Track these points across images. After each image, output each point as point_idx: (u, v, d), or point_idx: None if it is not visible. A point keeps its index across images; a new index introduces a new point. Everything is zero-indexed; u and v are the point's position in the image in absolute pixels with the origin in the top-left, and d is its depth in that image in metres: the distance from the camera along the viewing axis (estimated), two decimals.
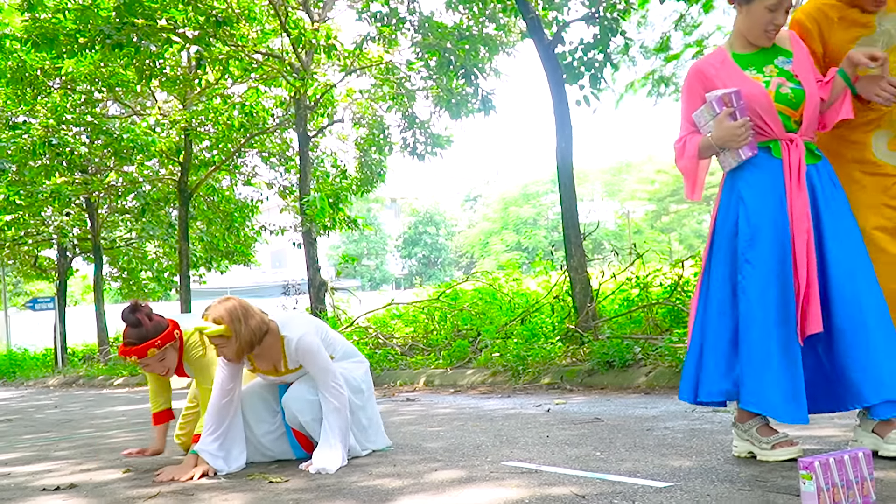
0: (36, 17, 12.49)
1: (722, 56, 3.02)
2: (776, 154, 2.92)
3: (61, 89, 16.71)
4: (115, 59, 14.70)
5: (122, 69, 15.81)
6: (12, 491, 3.47)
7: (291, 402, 3.67)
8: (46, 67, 15.63)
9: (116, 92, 17.23)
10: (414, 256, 58.86)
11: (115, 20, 11.67)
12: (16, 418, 8.41)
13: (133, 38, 11.57)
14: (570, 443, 3.82)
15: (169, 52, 13.70)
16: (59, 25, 12.28)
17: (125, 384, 15.16)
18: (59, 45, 12.34)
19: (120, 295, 25.63)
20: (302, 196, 13.76)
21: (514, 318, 9.66)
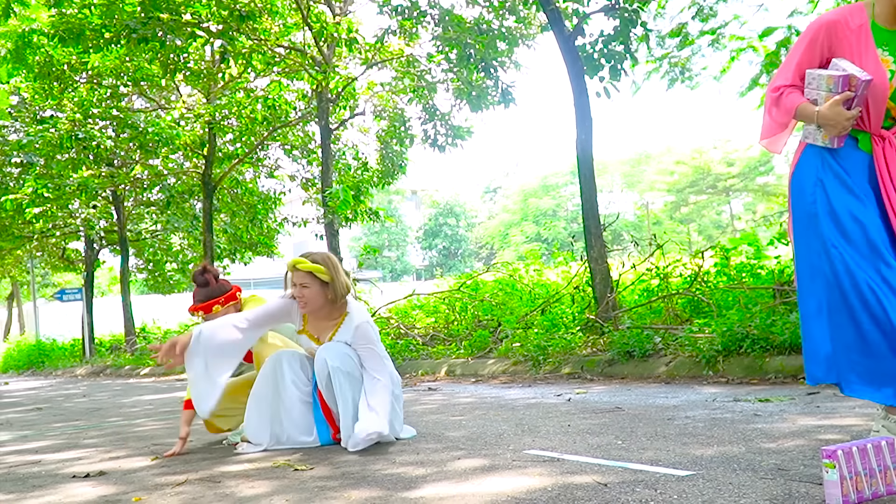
0: (63, 13, 12.57)
1: (861, 19, 2.73)
2: (863, 147, 2.73)
3: (88, 84, 16.84)
4: (141, 54, 14.78)
5: (148, 63, 15.90)
6: (43, 478, 3.51)
7: (325, 350, 3.75)
8: (73, 62, 15.77)
9: (142, 86, 17.35)
10: (434, 248, 58.88)
11: (140, 15, 11.73)
12: (45, 407, 8.51)
13: (158, 32, 11.62)
14: (591, 432, 3.82)
15: (193, 46, 13.76)
16: (86, 20, 12.36)
17: (151, 374, 15.30)
18: (86, 39, 12.42)
19: (146, 286, 25.83)
20: (324, 188, 13.78)
21: (535, 308, 9.65)
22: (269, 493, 2.81)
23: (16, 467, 3.88)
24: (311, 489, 2.83)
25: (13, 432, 5.78)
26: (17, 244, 23.22)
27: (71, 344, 25.15)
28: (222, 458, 3.74)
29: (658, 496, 2.38)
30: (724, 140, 49.06)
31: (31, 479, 3.47)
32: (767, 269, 8.16)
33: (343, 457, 3.52)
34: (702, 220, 52.94)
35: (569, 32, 8.73)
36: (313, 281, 3.73)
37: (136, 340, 19.85)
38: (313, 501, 2.62)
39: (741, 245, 9.33)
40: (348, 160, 18.17)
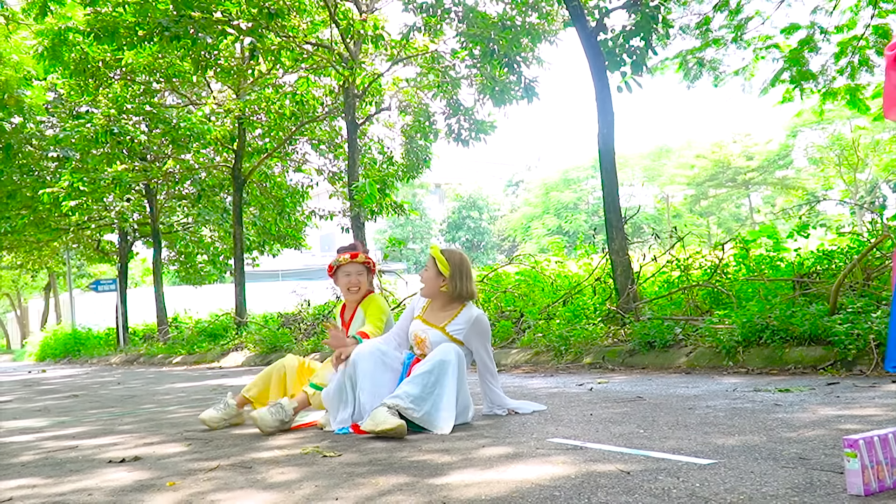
0: (97, 11, 12.67)
1: None
2: None
3: (122, 80, 16.97)
4: (173, 51, 14.86)
5: (179, 60, 16.00)
6: (80, 463, 3.55)
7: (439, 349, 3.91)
8: (107, 59, 15.89)
9: (173, 82, 17.46)
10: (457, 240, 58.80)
11: (172, 13, 11.80)
12: (81, 394, 8.60)
13: (190, 30, 11.69)
14: (613, 421, 3.80)
15: (224, 43, 13.83)
16: (120, 19, 12.45)
17: (183, 362, 15.44)
18: (120, 37, 12.51)
19: (177, 277, 26.04)
20: (350, 182, 13.81)
21: (557, 299, 9.62)
22: (299, 479, 2.83)
23: (54, 452, 3.93)
24: (339, 475, 2.84)
25: (51, 418, 5.85)
26: (53, 236, 23.51)
27: (105, 333, 25.44)
28: (252, 444, 3.76)
29: (680, 484, 2.36)
30: (744, 134, 48.51)
31: (68, 464, 3.51)
32: (787, 262, 8.08)
33: (370, 444, 3.53)
34: (721, 214, 52.46)
35: (591, 28, 8.67)
36: (433, 266, 4.12)
37: (168, 330, 20.04)
38: (342, 487, 2.63)
39: (760, 238, 9.25)
40: (374, 154, 18.20)
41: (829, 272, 7.15)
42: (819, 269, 7.34)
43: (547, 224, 53.74)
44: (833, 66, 11.16)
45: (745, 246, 8.47)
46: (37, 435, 4.78)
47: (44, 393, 9.24)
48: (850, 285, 6.56)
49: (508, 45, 10.79)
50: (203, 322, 18.62)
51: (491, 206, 61.61)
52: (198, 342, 16.75)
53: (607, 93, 8.61)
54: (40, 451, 3.98)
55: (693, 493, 2.25)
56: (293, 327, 14.10)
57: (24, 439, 4.58)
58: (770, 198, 50.41)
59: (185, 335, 18.00)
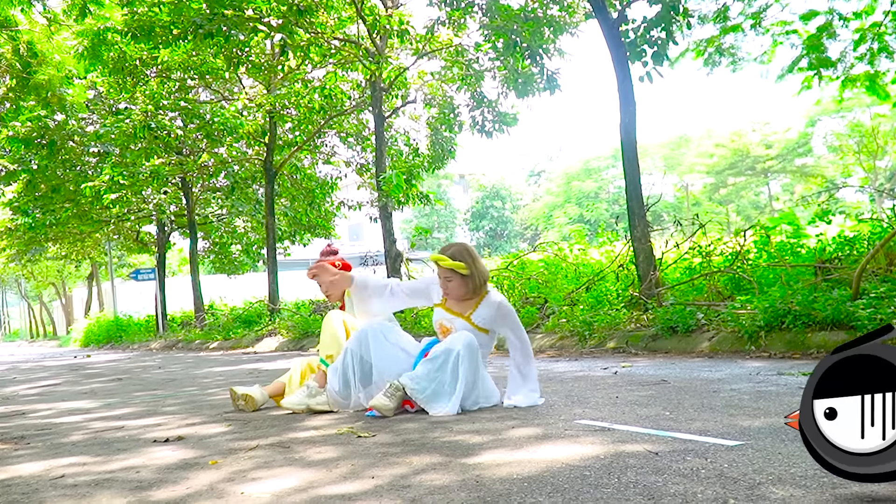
0: (134, 11, 12.76)
1: None
2: None
3: (158, 77, 17.10)
4: (206, 49, 14.95)
5: (213, 57, 16.09)
6: (127, 442, 3.59)
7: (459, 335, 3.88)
8: (144, 57, 16.01)
9: (207, 79, 17.57)
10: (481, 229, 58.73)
11: (206, 11, 11.85)
12: (125, 378, 8.71)
13: (222, 27, 11.74)
14: (639, 403, 3.78)
15: (255, 40, 13.88)
16: (156, 18, 12.53)
17: (219, 348, 15.58)
18: (156, 36, 12.60)
19: (213, 267, 26.26)
20: (378, 173, 13.83)
21: (580, 286, 9.58)
22: (335, 458, 2.84)
23: (102, 432, 3.98)
24: (374, 455, 2.85)
25: (98, 400, 5.92)
26: (95, 228, 23.81)
27: (146, 320, 25.73)
28: (289, 425, 3.79)
29: (709, 465, 2.34)
30: (763, 123, 47.92)
31: (115, 444, 3.55)
32: (808, 248, 7.98)
33: (403, 425, 3.53)
34: (740, 201, 51.90)
35: (612, 19, 8.59)
36: (454, 275, 3.95)
37: (204, 317, 20.23)
38: (378, 466, 2.64)
39: (781, 224, 9.14)
40: (400, 146, 18.21)
41: (851, 258, 7.05)
42: (840, 256, 7.24)
43: (568, 213, 53.51)
44: (852, 52, 10.96)
45: (766, 232, 8.37)
46: (85, 416, 4.85)
47: (90, 377, 9.37)
48: (873, 271, 6.47)
49: (531, 37, 10.72)
50: (238, 309, 18.78)
51: (514, 195, 61.44)
52: (233, 328, 16.90)
53: (629, 83, 8.53)
54: (89, 431, 4.04)
55: (721, 473, 2.23)
56: (324, 313, 14.16)
57: (74, 420, 4.64)
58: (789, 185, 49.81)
59: (220, 322, 18.16)
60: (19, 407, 5.79)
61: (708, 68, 11.39)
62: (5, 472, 2.98)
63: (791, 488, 2.02)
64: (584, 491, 2.12)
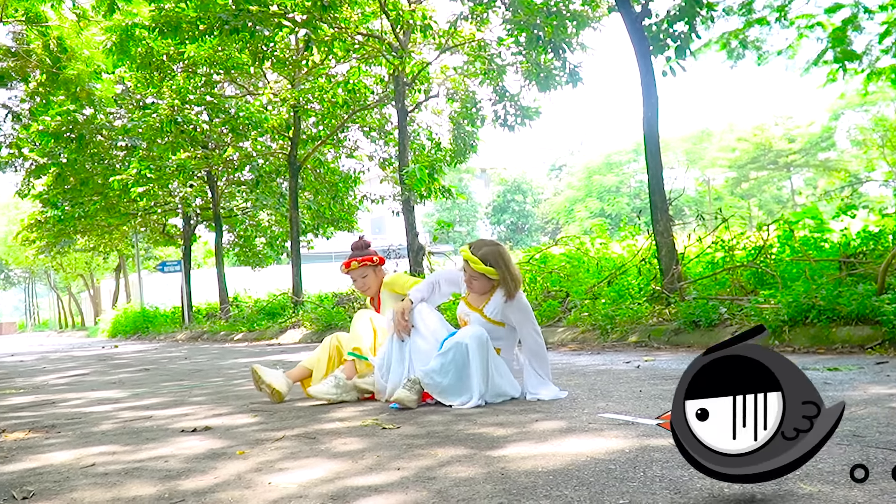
0: (161, 7, 12.83)
1: None
2: None
3: (184, 72, 17.20)
4: (232, 44, 15.02)
5: (238, 53, 16.16)
6: (155, 432, 3.62)
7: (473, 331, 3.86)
8: (171, 53, 16.11)
9: (232, 74, 17.65)
10: (502, 223, 58.64)
11: (231, 7, 11.90)
12: (152, 368, 8.79)
13: (248, 23, 11.78)
14: (662, 397, 3.75)
15: (280, 35, 13.91)
16: (182, 14, 12.60)
17: (244, 339, 15.68)
18: (182, 32, 12.67)
19: (237, 259, 26.43)
20: (401, 167, 13.83)
21: (602, 280, 9.53)
22: (361, 449, 2.84)
23: (130, 422, 4.02)
24: (399, 446, 2.85)
25: (126, 390, 5.98)
26: (123, 220, 24.06)
27: (172, 311, 25.95)
28: (315, 416, 3.80)
29: None
30: (786, 117, 47.42)
31: (144, 433, 3.58)
32: (832, 243, 7.88)
33: (427, 417, 3.53)
34: (762, 196, 51.41)
35: (636, 13, 8.52)
36: (482, 278, 3.90)
37: (229, 309, 20.36)
38: (403, 458, 2.64)
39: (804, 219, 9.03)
40: (423, 140, 18.21)
41: (876, 253, 6.95)
42: (865, 250, 7.14)
43: (589, 207, 53.28)
44: (877, 45, 10.80)
45: (789, 227, 8.27)
46: (114, 405, 4.89)
47: (117, 367, 9.46)
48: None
49: (554, 31, 10.65)
50: (262, 301, 18.89)
51: (535, 189, 61.27)
52: (257, 320, 16.99)
53: (652, 77, 8.46)
54: (118, 421, 4.08)
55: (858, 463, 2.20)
56: (347, 306, 14.22)
57: (103, 409, 4.69)
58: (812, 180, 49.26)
59: (245, 314, 18.28)
60: (50, 396, 5.86)
61: (732, 61, 11.27)
62: (37, 461, 3.01)
63: (819, 484, 2.00)
64: (610, 485, 2.11)
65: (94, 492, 2.39)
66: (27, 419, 4.41)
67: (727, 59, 11.27)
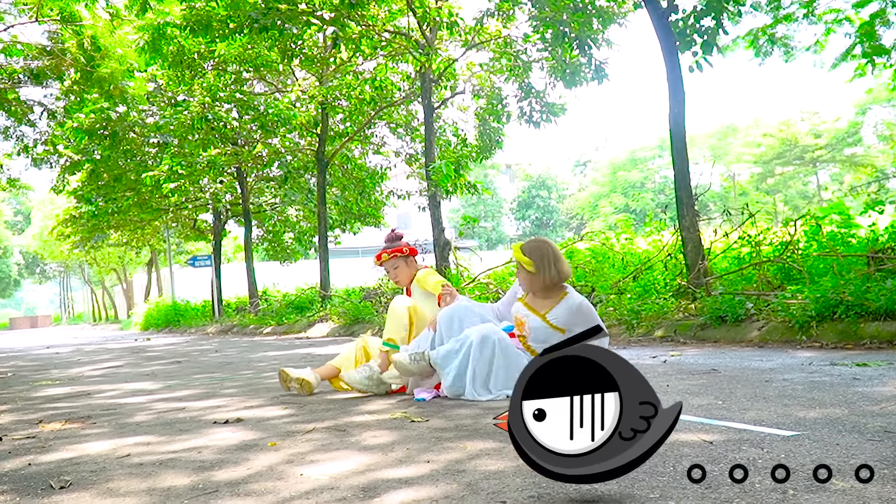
0: (192, 6, 12.92)
1: None
2: None
3: (214, 70, 17.31)
4: (261, 42, 15.07)
5: (267, 50, 16.23)
6: (189, 423, 3.65)
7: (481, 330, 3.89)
8: (202, 51, 16.23)
9: (261, 71, 17.73)
10: (527, 218, 58.47)
11: (261, 5, 11.95)
12: (184, 360, 8.86)
13: (277, 21, 11.82)
14: (690, 392, 3.71)
15: (308, 33, 13.95)
16: (213, 12, 12.66)
17: (273, 332, 15.78)
18: (213, 30, 12.73)
19: (266, 254, 26.58)
20: (427, 163, 13.82)
21: (627, 275, 9.47)
22: (391, 442, 2.84)
23: (164, 413, 4.05)
24: (428, 439, 2.85)
25: (159, 382, 6.04)
26: (155, 216, 24.29)
27: (202, 305, 26.16)
28: (345, 409, 3.81)
29: (765, 454, 2.29)
30: (812, 112, 46.73)
31: (177, 424, 3.61)
32: (859, 238, 7.76)
33: (455, 411, 3.53)
34: (788, 191, 50.74)
35: (662, 9, 8.43)
36: (521, 268, 3.87)
37: (258, 303, 20.49)
38: (432, 451, 2.63)
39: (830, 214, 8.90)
40: (449, 137, 18.17)
41: None
42: (894, 245, 7.02)
43: (614, 202, 52.93)
44: None
45: (816, 222, 8.16)
46: (148, 397, 4.94)
47: (150, 359, 9.56)
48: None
49: (580, 27, 10.58)
50: (290, 296, 18.99)
51: (559, 185, 61.01)
52: (286, 314, 17.09)
53: (678, 73, 8.37)
54: (152, 412, 4.11)
55: (779, 463, 2.17)
56: (374, 300, 14.25)
57: (137, 401, 4.74)
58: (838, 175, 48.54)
59: (274, 307, 18.39)
60: (85, 387, 5.94)
61: (760, 58, 11.12)
62: (74, 451, 3.05)
63: (852, 479, 1.96)
64: (640, 479, 2.09)
65: (130, 482, 2.42)
66: (63, 410, 4.47)
67: (755, 56, 11.12)
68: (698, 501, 1.84)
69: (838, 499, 1.81)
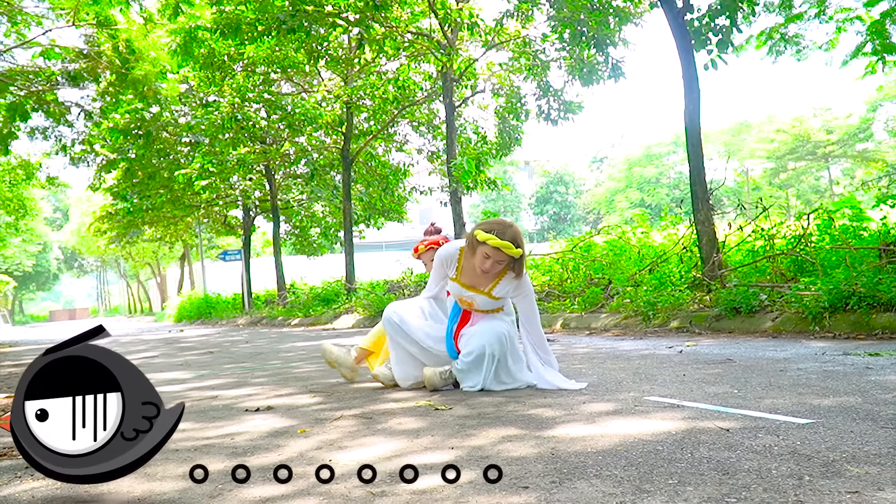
0: (222, 10, 12.99)
1: None
2: None
3: (244, 72, 17.40)
4: (288, 44, 15.12)
5: (294, 52, 16.28)
6: (222, 411, 3.68)
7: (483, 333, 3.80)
8: (232, 53, 16.30)
9: (289, 72, 17.80)
10: (545, 213, 58.26)
11: (288, 8, 11.99)
12: (216, 351, 8.94)
13: (304, 23, 11.86)
14: (706, 381, 3.69)
15: (333, 35, 13.97)
16: (242, 16, 12.73)
17: (300, 324, 15.86)
18: (242, 33, 12.80)
19: (294, 248, 26.71)
20: (449, 160, 13.81)
21: (643, 267, 9.42)
22: (416, 429, 2.85)
23: (198, 402, 4.09)
24: (452, 426, 2.85)
25: (192, 372, 6.10)
26: (187, 212, 24.47)
27: (233, 298, 26.36)
28: (371, 397, 3.83)
29: (781, 442, 2.27)
30: (824, 108, 46.12)
31: (210, 412, 3.64)
32: (871, 231, 7.66)
33: (478, 399, 3.53)
34: (800, 186, 50.16)
35: (678, 8, 8.36)
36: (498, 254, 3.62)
37: (286, 295, 20.61)
38: (456, 437, 2.64)
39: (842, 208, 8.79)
40: (469, 134, 18.14)
41: None
42: None
43: (630, 198, 52.59)
44: None
45: (829, 215, 8.07)
46: (182, 386, 4.99)
47: (184, 349, 9.65)
48: None
49: (597, 27, 10.51)
50: (317, 288, 19.08)
51: (577, 181, 60.70)
52: (313, 306, 17.18)
53: (693, 71, 8.31)
54: (187, 400, 4.15)
55: (794, 450, 2.15)
56: (398, 293, 14.28)
57: (172, 389, 4.78)
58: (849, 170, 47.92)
59: (301, 300, 18.48)
60: None
61: (772, 57, 10.99)
62: None
63: (866, 466, 1.94)
64: (658, 465, 2.08)
65: (167, 466, 2.44)
66: None
67: (768, 55, 10.99)
68: (716, 487, 1.84)
69: (853, 484, 1.79)
